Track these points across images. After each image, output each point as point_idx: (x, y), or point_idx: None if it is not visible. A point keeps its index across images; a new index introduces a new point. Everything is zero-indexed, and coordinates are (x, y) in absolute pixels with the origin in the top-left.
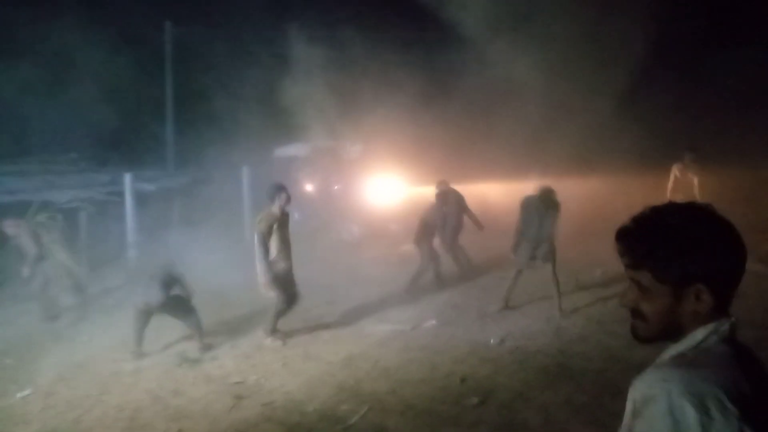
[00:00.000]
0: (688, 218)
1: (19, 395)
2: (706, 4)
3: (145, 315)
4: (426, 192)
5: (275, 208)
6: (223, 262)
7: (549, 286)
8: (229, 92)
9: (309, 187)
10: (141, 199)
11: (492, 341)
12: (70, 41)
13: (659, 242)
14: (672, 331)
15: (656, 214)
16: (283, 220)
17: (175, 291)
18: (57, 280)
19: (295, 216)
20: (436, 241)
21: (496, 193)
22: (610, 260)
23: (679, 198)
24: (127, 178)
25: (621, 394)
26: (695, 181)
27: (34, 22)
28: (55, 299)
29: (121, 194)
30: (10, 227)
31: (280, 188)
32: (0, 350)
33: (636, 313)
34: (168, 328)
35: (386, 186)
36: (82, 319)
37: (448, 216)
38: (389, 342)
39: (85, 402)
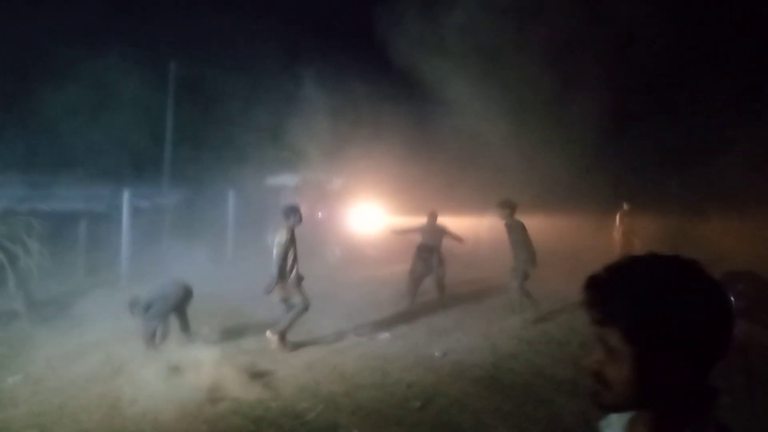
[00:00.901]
0: (670, 272)
1: (10, 380)
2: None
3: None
4: (403, 221)
5: (290, 226)
6: (206, 274)
7: (487, 308)
8: (225, 124)
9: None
10: (137, 213)
11: (436, 354)
12: (80, 68)
13: (634, 297)
14: (640, 402)
15: (634, 264)
16: (294, 236)
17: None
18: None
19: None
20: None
21: (465, 226)
22: (545, 292)
23: (621, 240)
24: (126, 194)
25: (543, 404)
26: (631, 225)
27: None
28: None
29: (119, 208)
30: None
31: (295, 209)
32: None
33: (599, 377)
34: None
35: (366, 215)
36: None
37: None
38: (347, 350)
39: (71, 389)
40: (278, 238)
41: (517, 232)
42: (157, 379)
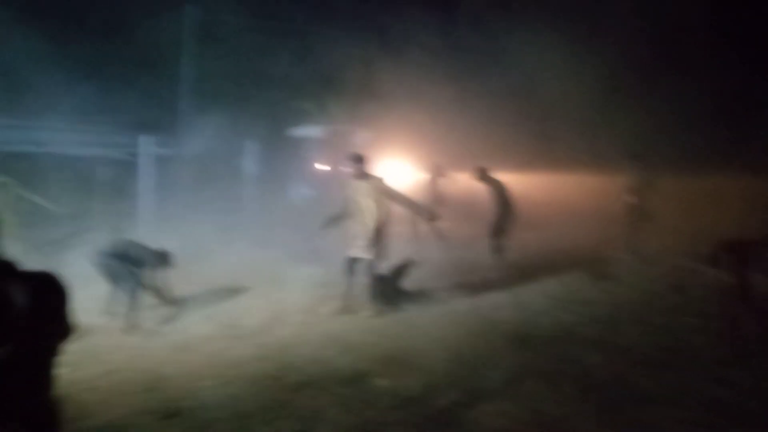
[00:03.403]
0: None
1: None
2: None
3: None
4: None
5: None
6: (223, 225)
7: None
8: (247, 73)
9: (320, 166)
10: (157, 162)
11: (462, 309)
12: (105, 20)
13: None
14: None
15: None
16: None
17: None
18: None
19: (304, 191)
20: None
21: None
22: (572, 248)
23: (630, 200)
24: (142, 141)
25: (573, 361)
26: (641, 184)
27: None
28: None
29: (136, 155)
30: None
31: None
32: None
33: None
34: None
35: (393, 170)
36: None
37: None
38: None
39: (98, 332)
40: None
41: None
42: (183, 324)
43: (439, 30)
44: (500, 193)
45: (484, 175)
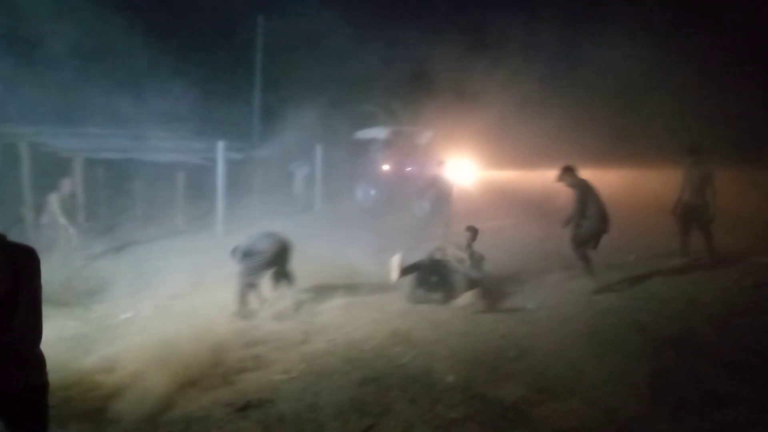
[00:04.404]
0: None
1: (123, 316)
2: None
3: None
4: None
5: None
6: (297, 224)
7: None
8: (312, 77)
9: (385, 167)
10: (230, 165)
11: (529, 306)
12: (185, 34)
13: None
14: None
15: None
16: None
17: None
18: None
19: (371, 192)
20: None
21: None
22: (641, 247)
23: (686, 195)
24: (220, 146)
25: (646, 359)
26: (698, 179)
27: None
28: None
29: (213, 160)
30: (68, 186)
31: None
32: (105, 280)
33: None
34: None
35: (457, 169)
36: None
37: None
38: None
39: (178, 326)
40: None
41: None
42: (257, 321)
43: (502, 27)
44: (587, 194)
45: (570, 175)
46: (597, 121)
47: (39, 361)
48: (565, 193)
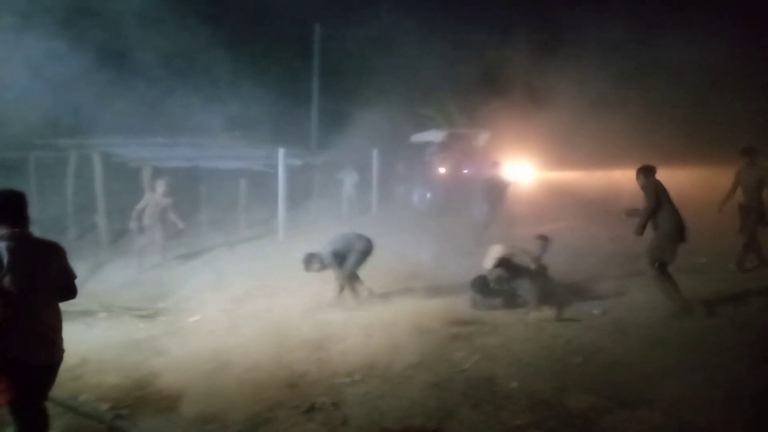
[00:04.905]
0: None
1: (191, 320)
2: None
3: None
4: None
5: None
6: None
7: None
8: (368, 84)
9: (441, 170)
10: (289, 172)
11: (595, 311)
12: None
13: None
14: None
15: None
16: None
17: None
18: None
19: (427, 195)
20: None
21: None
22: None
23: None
24: (281, 153)
25: (722, 369)
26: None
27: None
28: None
29: (274, 167)
30: (162, 187)
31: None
32: (172, 284)
33: None
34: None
35: (515, 171)
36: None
37: None
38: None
39: (243, 329)
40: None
41: None
42: (319, 324)
43: (562, 25)
44: (660, 198)
45: (646, 176)
46: (668, 121)
47: (56, 342)
48: (631, 194)
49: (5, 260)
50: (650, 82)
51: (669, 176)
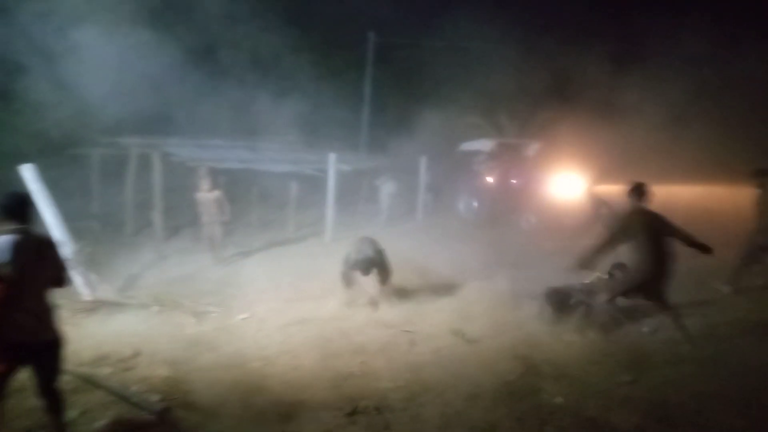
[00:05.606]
0: None
1: (240, 317)
2: None
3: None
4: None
5: None
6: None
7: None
8: (419, 92)
9: (490, 179)
10: (339, 176)
11: (645, 330)
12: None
13: None
14: None
15: None
16: None
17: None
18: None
19: (473, 204)
20: None
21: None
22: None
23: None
24: (331, 158)
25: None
26: None
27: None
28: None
29: (325, 171)
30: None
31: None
32: (222, 282)
33: None
34: None
35: (564, 182)
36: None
37: None
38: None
39: (290, 329)
40: None
41: None
42: (362, 327)
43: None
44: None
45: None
46: (744, 138)
47: (53, 321)
48: (686, 210)
49: (12, 251)
50: (725, 99)
51: (735, 194)
